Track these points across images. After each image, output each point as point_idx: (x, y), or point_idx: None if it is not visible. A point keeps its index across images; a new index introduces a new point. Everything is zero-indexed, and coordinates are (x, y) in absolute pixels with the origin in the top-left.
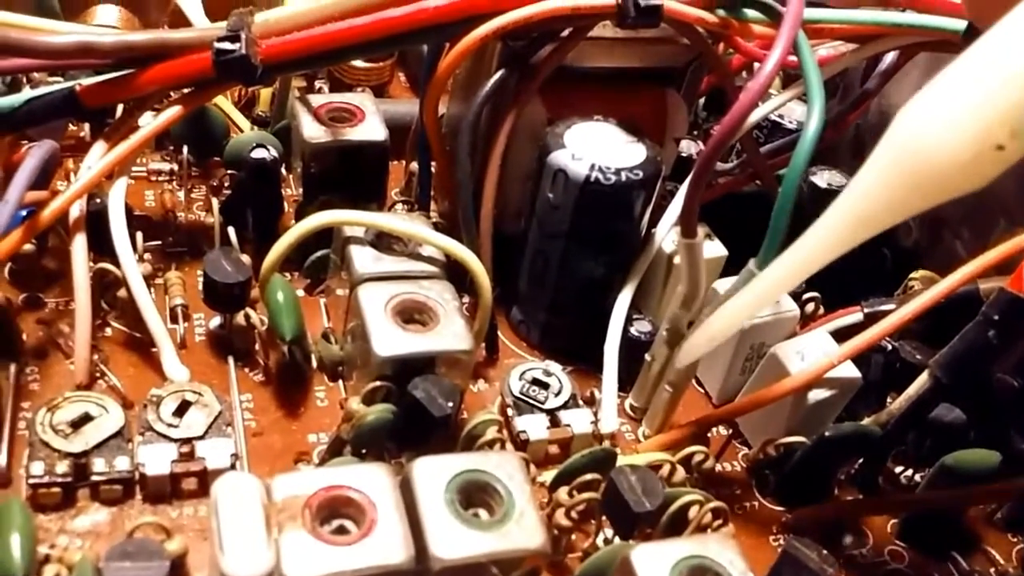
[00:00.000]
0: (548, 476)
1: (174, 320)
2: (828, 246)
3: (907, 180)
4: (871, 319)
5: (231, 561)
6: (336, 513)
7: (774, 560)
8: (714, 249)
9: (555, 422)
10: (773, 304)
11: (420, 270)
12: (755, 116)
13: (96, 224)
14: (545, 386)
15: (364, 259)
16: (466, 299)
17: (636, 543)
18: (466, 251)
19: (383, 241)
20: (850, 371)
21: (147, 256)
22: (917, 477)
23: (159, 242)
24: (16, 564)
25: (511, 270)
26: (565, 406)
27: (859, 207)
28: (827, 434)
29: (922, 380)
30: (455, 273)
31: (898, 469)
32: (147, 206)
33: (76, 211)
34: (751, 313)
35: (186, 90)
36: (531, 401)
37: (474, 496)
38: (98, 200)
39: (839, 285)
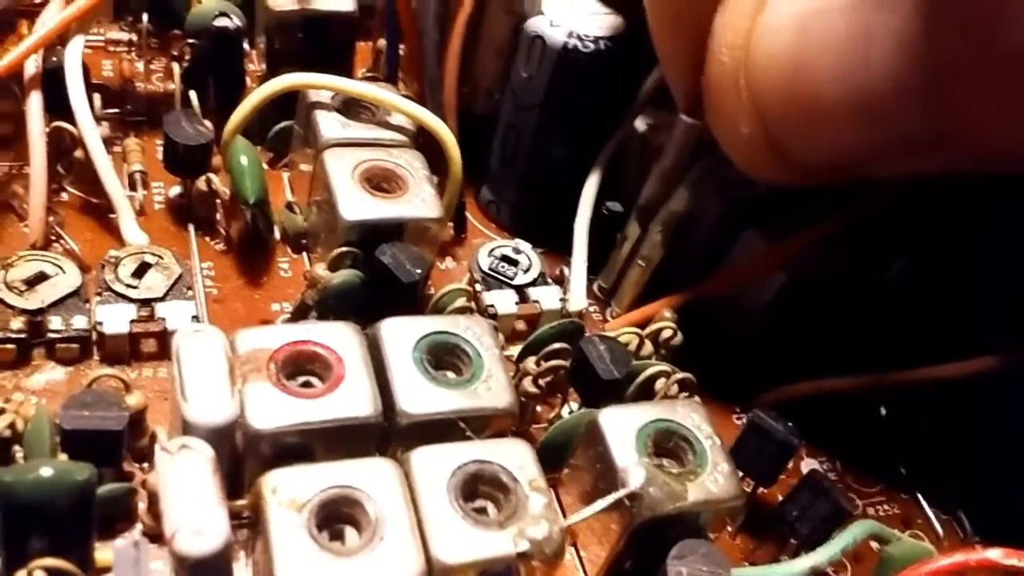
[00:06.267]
0: (516, 351)
1: (132, 187)
2: None
3: None
4: None
5: (194, 408)
6: (302, 369)
7: None
8: None
9: (523, 298)
10: None
11: (389, 138)
12: None
13: (52, 85)
14: (514, 263)
15: (330, 124)
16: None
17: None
18: (434, 118)
19: (350, 108)
20: None
21: (104, 123)
22: None
23: (117, 110)
24: None
25: (481, 151)
26: (534, 283)
27: None
28: None
29: None
30: (424, 151)
31: None
32: (105, 75)
33: (32, 68)
34: None
35: None
36: (500, 277)
37: (442, 359)
38: (54, 59)
39: None
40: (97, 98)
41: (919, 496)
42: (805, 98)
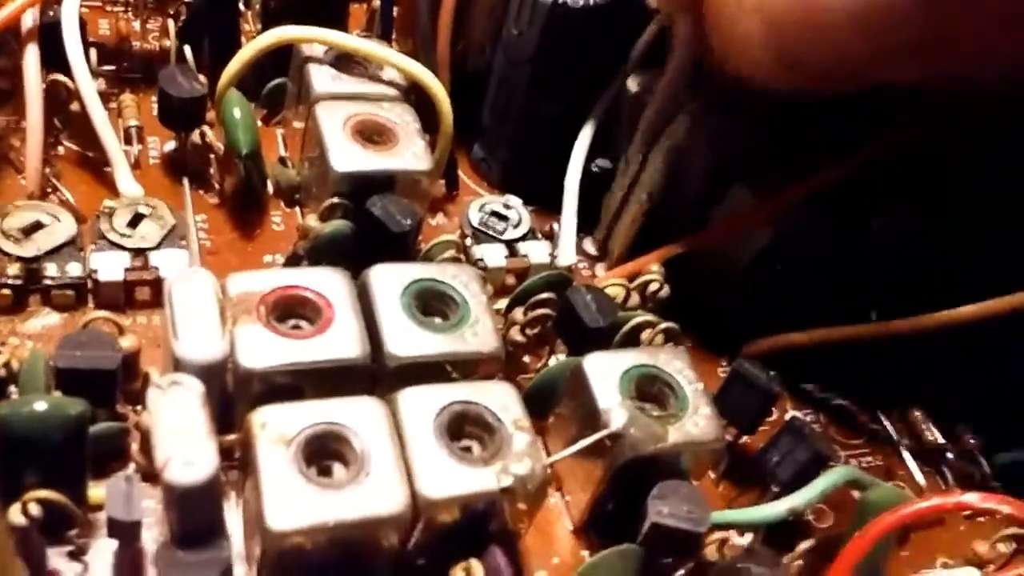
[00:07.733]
0: (504, 304)
1: (128, 142)
2: None
3: None
4: None
5: (185, 346)
6: (292, 312)
7: None
8: None
9: (513, 252)
10: None
11: (380, 92)
12: None
13: (49, 40)
14: (504, 218)
15: (323, 78)
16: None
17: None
18: (426, 72)
19: (343, 63)
20: None
21: (100, 79)
22: None
23: (113, 67)
24: None
25: (473, 108)
26: (524, 238)
27: None
28: None
29: None
30: (416, 109)
31: None
32: (102, 34)
33: (29, 21)
34: None
35: None
36: (490, 232)
37: (430, 305)
38: (51, 13)
39: None
40: (93, 54)
41: (901, 448)
42: None
